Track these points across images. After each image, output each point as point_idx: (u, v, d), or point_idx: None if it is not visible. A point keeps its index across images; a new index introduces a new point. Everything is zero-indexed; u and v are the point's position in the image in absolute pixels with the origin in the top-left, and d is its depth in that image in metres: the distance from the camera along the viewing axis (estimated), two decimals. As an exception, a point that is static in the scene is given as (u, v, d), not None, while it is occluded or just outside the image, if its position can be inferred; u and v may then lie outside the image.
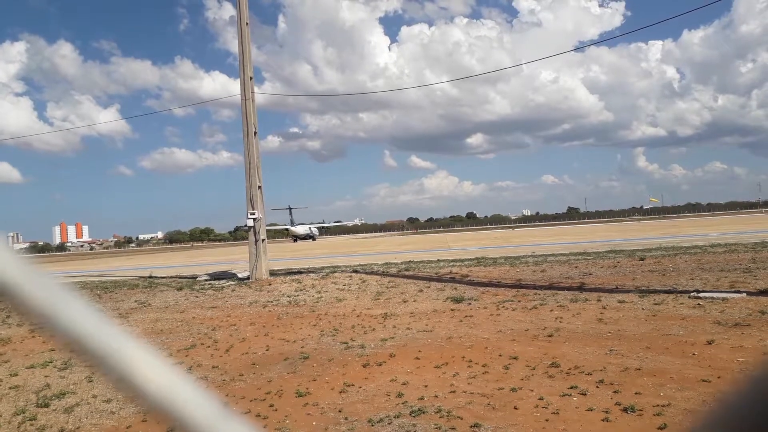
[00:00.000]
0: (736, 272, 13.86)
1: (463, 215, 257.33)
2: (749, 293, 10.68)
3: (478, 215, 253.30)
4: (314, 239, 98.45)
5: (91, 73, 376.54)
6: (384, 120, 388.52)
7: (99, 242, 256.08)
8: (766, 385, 0.39)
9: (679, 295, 11.13)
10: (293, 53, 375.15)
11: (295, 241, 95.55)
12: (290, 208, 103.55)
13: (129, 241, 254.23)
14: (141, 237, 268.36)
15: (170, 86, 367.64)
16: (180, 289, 18.29)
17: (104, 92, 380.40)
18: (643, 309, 10.07)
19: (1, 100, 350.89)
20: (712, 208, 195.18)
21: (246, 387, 6.84)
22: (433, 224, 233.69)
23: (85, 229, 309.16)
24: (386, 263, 24.05)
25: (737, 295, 10.46)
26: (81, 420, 5.93)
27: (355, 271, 20.36)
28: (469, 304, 11.98)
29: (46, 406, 6.39)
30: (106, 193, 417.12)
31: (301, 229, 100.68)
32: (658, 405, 5.21)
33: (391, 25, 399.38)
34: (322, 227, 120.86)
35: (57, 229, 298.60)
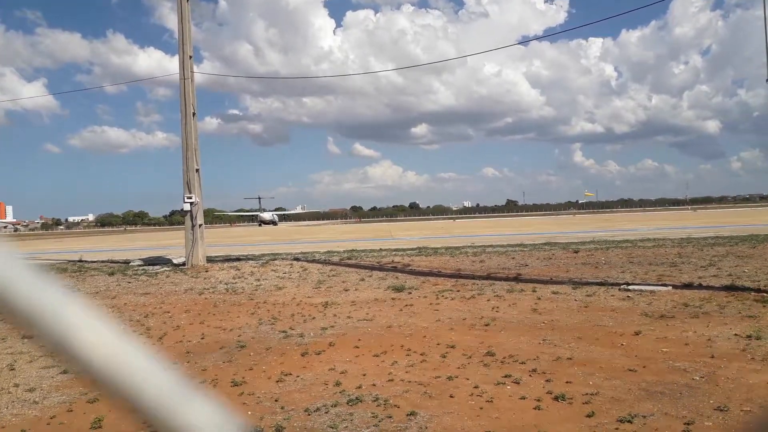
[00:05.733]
0: (664, 266, 14.55)
1: (407, 205, 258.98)
2: (674, 286, 11.22)
3: (421, 205, 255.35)
4: (276, 224, 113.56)
5: (14, 43, 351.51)
6: (328, 105, 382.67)
7: (24, 223, 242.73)
8: None
9: (610, 287, 11.58)
10: (234, 32, 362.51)
11: (260, 225, 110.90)
12: (260, 198, 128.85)
13: (57, 223, 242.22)
14: (71, 219, 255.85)
15: (101, 61, 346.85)
16: (112, 274, 17.59)
17: (29, 65, 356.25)
18: (575, 300, 10.41)
19: None
20: (643, 203, 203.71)
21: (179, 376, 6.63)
22: (376, 213, 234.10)
23: (9, 209, 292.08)
24: (329, 251, 23.91)
25: (663, 288, 10.97)
26: (1, 410, 5.60)
27: (296, 259, 20.15)
28: (410, 293, 12.06)
29: (-40, 396, 5.99)
30: (32, 171, 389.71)
31: (267, 216, 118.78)
32: (587, 393, 5.38)
33: (337, 9, 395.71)
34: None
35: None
